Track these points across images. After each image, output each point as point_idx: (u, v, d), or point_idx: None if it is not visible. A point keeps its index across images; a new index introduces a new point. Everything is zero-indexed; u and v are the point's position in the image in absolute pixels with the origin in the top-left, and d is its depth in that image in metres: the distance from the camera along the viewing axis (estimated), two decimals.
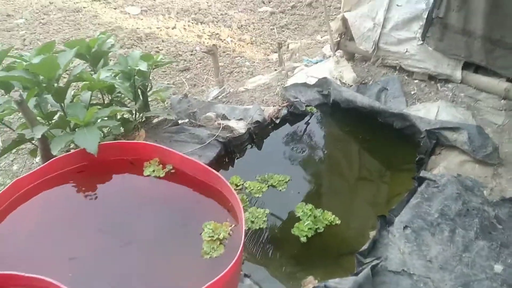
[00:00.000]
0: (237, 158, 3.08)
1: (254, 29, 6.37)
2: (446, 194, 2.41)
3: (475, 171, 2.68)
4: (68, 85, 2.59)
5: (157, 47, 5.51)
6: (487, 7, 3.15)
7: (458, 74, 3.56)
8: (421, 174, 2.63)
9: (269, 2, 7.10)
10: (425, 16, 3.48)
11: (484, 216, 2.30)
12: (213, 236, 1.72)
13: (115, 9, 6.52)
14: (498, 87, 3.37)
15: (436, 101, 3.40)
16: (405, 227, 2.23)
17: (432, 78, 3.71)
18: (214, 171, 1.98)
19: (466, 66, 3.56)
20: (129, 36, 5.66)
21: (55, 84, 2.47)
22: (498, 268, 2.02)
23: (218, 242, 1.71)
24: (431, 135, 2.92)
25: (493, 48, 3.31)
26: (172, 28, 6.09)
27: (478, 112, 3.26)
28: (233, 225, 1.80)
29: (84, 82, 2.64)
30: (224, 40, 5.95)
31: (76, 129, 2.34)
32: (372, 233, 2.28)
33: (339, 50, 4.31)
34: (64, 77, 2.64)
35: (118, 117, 3.02)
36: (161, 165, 2.13)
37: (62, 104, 2.56)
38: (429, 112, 3.21)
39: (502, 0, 3.06)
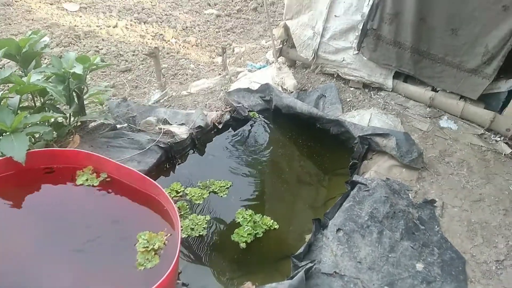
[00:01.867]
0: (179, 164, 3.05)
1: (199, 31, 6.34)
2: (375, 197, 2.56)
3: (402, 175, 2.88)
4: None
5: (97, 46, 5.29)
6: (415, 20, 3.40)
7: (389, 82, 3.80)
8: (353, 179, 2.78)
9: (215, 5, 7.11)
10: (361, 27, 3.68)
11: (409, 217, 2.48)
12: (147, 247, 1.70)
13: (51, 4, 6.17)
14: (424, 95, 3.65)
15: (369, 108, 3.61)
16: (338, 230, 2.34)
17: (366, 86, 3.92)
18: (150, 179, 1.95)
19: (397, 75, 3.82)
20: (66, 34, 5.38)
21: None
22: (420, 266, 2.19)
23: (153, 253, 1.70)
24: (364, 141, 3.09)
25: (420, 59, 3.59)
26: (113, 27, 5.89)
27: (406, 119, 3.50)
28: (169, 234, 1.80)
29: (11, 84, 2.48)
30: (169, 41, 5.86)
31: (2, 136, 2.20)
32: (308, 237, 2.37)
33: (281, 57, 4.42)
34: None
35: (51, 121, 2.87)
36: (95, 174, 2.07)
37: None
38: (362, 118, 3.40)
39: (428, 14, 3.32)
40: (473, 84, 3.38)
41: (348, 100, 3.78)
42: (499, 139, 3.30)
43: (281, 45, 4.36)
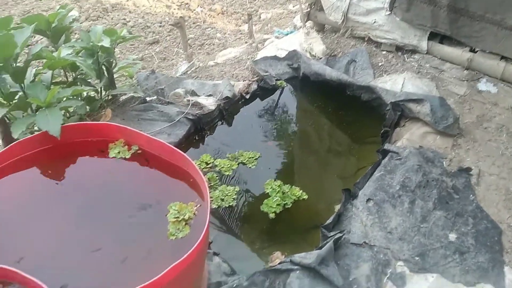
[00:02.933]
0: (207, 136, 3.08)
1: None
2: (407, 166, 2.50)
3: (436, 142, 2.78)
4: (27, 64, 2.49)
5: (124, 19, 5.31)
6: None
7: (424, 44, 3.61)
8: (384, 147, 2.71)
9: None
10: None
11: (442, 186, 2.41)
12: (178, 217, 1.74)
13: None
14: (461, 57, 3.45)
15: (403, 72, 3.45)
16: (368, 200, 2.32)
17: (399, 49, 3.74)
18: (179, 151, 1.98)
19: (432, 36, 3.61)
20: (94, 8, 5.42)
21: (13, 64, 2.37)
22: (452, 236, 2.14)
23: (184, 223, 1.74)
24: (396, 107, 2.98)
25: (458, 17, 3.36)
26: None
27: (441, 83, 3.33)
28: (199, 205, 1.83)
29: (44, 61, 2.55)
30: (194, 10, 5.79)
31: (38, 111, 2.28)
32: (337, 207, 2.36)
33: (309, 21, 4.26)
34: (24, 55, 2.54)
35: (84, 95, 2.95)
36: (126, 146, 2.11)
37: (22, 85, 2.47)
38: (395, 83, 3.27)
39: None
40: None
41: (379, 64, 3.63)
42: None
43: (309, 9, 4.20)
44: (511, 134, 2.85)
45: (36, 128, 2.53)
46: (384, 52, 3.77)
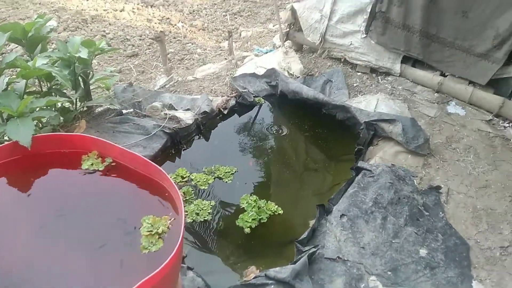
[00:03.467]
0: (184, 150, 3.07)
1: (206, 14, 6.29)
2: (380, 183, 2.55)
3: (408, 161, 2.87)
4: (0, 72, 2.44)
5: (104, 31, 5.29)
6: (424, 2, 3.33)
7: (397, 67, 3.75)
8: (358, 165, 2.77)
9: None
10: (369, 10, 3.61)
11: (413, 204, 2.47)
12: (151, 231, 1.71)
13: None
14: (432, 80, 3.60)
15: (376, 93, 3.57)
16: (342, 216, 2.35)
17: (373, 71, 3.87)
18: (154, 164, 1.96)
19: (405, 60, 3.76)
20: (73, 18, 5.38)
21: None
22: (423, 252, 2.19)
23: (157, 237, 1.72)
24: (370, 126, 3.07)
25: (429, 42, 3.52)
26: (120, 11, 5.87)
27: (413, 105, 3.46)
28: (173, 219, 1.81)
29: (18, 69, 2.50)
30: (175, 25, 5.83)
31: (9, 120, 2.22)
32: (312, 222, 2.38)
33: (288, 41, 4.37)
34: None
35: (58, 106, 2.89)
36: (100, 158, 2.08)
37: None
38: (369, 104, 3.37)
39: None
40: (483, 69, 3.31)
41: (355, 85, 3.74)
42: (507, 125, 3.25)
43: (288, 29, 4.31)
44: (478, 154, 2.97)
45: (6, 138, 2.46)
46: (359, 74, 3.89)
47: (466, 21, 3.24)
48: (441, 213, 2.47)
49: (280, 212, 2.52)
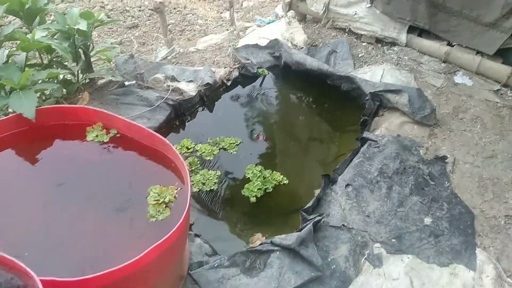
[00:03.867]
0: (188, 121, 3.05)
1: None
2: (385, 153, 2.55)
3: (414, 131, 2.85)
4: None
5: (102, 2, 5.17)
6: None
7: (403, 37, 3.67)
8: (364, 135, 2.75)
9: None
10: None
11: (419, 173, 2.47)
12: (158, 200, 1.73)
13: None
14: (439, 50, 3.53)
15: (382, 64, 3.51)
16: (347, 185, 2.35)
17: (379, 41, 3.80)
18: (159, 135, 1.95)
19: (411, 29, 3.68)
20: None
21: None
22: (428, 220, 2.20)
23: (164, 205, 1.73)
24: (375, 97, 3.03)
25: (436, 12, 3.43)
26: None
27: (419, 75, 3.40)
28: (179, 188, 1.82)
29: (18, 42, 2.46)
30: None
31: (12, 93, 2.20)
32: (317, 192, 2.39)
33: (291, 11, 4.26)
34: None
35: (60, 78, 2.86)
36: (104, 130, 2.07)
37: None
38: (374, 74, 3.32)
39: None
40: (490, 39, 3.24)
41: (360, 55, 3.67)
42: None
43: None
44: (485, 125, 2.94)
45: (10, 110, 2.44)
46: (365, 44, 3.82)
47: None
48: (446, 182, 2.47)
49: (285, 182, 2.53)
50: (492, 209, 2.36)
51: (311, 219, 2.10)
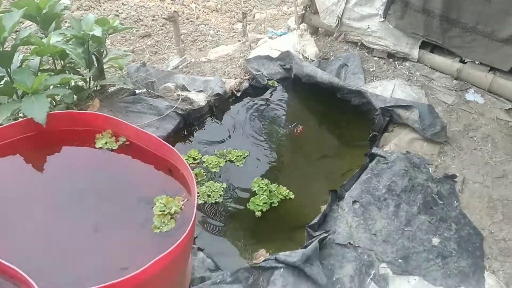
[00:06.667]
0: (196, 131, 3.05)
1: None
2: (394, 170, 2.52)
3: (423, 148, 2.81)
4: (14, 49, 2.43)
5: (117, 10, 5.25)
6: None
7: (415, 52, 3.65)
8: (372, 151, 2.73)
9: None
10: None
11: (427, 192, 2.43)
12: (164, 211, 1.72)
13: None
14: (451, 67, 3.50)
15: (393, 79, 3.49)
16: (354, 202, 2.33)
17: (391, 56, 3.78)
18: (168, 144, 1.95)
19: (423, 45, 3.66)
20: None
21: (0, 48, 2.31)
22: (436, 241, 2.16)
23: (169, 217, 1.72)
24: (385, 112, 3.01)
25: (450, 27, 3.41)
26: None
27: (431, 91, 3.38)
28: (186, 200, 1.81)
29: (33, 47, 2.49)
30: (188, 6, 5.75)
31: (24, 97, 2.23)
32: (324, 207, 2.36)
33: (303, 24, 4.28)
34: (12, 40, 2.48)
35: (72, 84, 2.90)
36: (113, 137, 2.08)
37: (8, 70, 2.41)
38: (385, 89, 3.30)
39: None
40: (505, 55, 3.21)
41: (371, 70, 3.66)
42: None
43: (303, 11, 4.22)
44: (496, 144, 2.90)
45: (21, 114, 2.47)
46: (376, 58, 3.81)
47: (488, 5, 3.12)
48: (455, 202, 2.43)
49: (291, 196, 2.51)
50: (502, 231, 2.31)
51: (317, 235, 2.08)
